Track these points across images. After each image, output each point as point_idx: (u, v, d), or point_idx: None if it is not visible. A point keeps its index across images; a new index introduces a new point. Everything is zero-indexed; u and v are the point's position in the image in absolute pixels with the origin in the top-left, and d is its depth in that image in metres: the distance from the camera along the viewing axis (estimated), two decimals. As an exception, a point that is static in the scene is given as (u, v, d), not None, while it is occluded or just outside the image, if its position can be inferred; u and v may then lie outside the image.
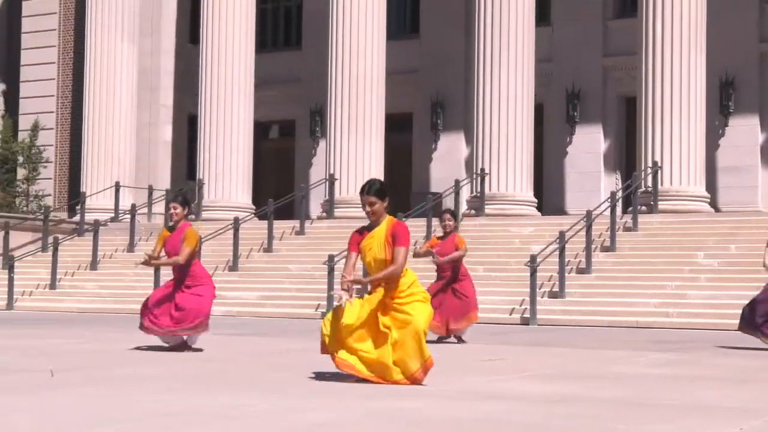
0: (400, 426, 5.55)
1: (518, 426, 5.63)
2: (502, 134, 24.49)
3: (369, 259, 7.77)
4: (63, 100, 32.84)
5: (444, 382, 7.94)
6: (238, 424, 5.54)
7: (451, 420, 5.81)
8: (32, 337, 13.11)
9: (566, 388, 7.70)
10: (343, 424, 5.59)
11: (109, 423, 5.50)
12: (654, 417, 6.15)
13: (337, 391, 7.17)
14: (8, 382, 7.56)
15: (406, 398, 6.79)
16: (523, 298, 18.64)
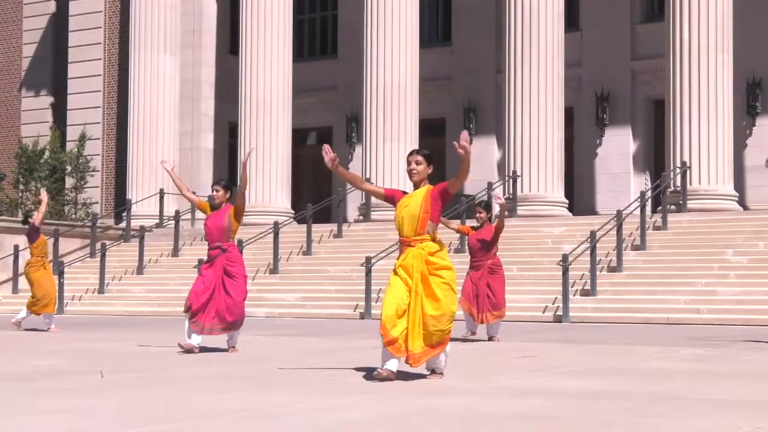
0: (443, 423, 5.55)
1: (556, 421, 5.62)
2: (533, 137, 24.46)
3: (402, 215, 7.76)
4: (108, 111, 33.09)
5: (483, 380, 7.93)
6: (285, 422, 5.56)
7: (491, 416, 5.80)
8: (82, 340, 13.22)
9: (600, 383, 7.66)
10: (388, 421, 5.60)
11: (157, 422, 5.54)
12: (688, 412, 6.11)
13: (380, 389, 7.18)
14: (60, 384, 7.63)
15: (447, 396, 6.79)
16: (555, 297, 18.58)
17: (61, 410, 6.00)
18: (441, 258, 7.74)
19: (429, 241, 7.73)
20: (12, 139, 35.11)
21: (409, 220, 7.74)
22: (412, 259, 7.68)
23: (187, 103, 30.90)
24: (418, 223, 7.72)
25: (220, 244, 10.64)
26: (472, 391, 7.05)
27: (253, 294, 21.96)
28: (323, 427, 5.39)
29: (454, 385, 7.45)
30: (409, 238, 7.76)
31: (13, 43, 36.05)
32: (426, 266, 7.65)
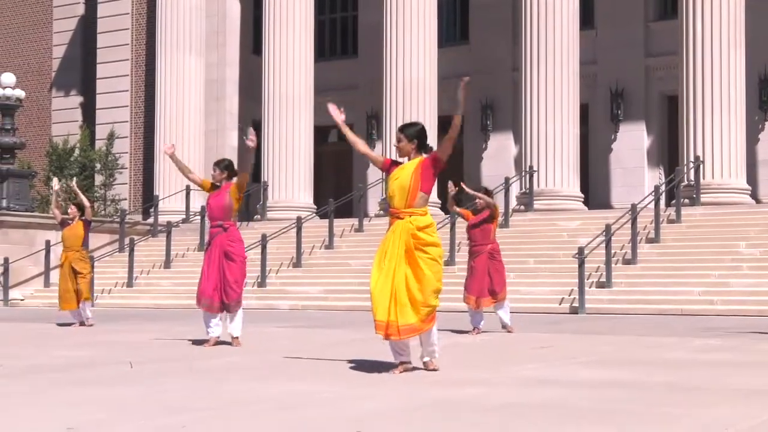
0: (464, 412, 5.53)
1: (572, 410, 5.58)
2: (549, 133, 24.39)
3: (393, 187, 7.52)
4: (136, 110, 33.20)
5: (500, 370, 7.90)
6: (308, 412, 5.55)
7: (510, 406, 5.78)
8: (112, 332, 13.27)
9: (616, 373, 7.62)
10: (406, 411, 5.58)
11: (186, 411, 5.54)
12: (704, 401, 6.06)
13: (398, 379, 7.16)
14: (90, 374, 7.65)
15: (464, 386, 6.76)
16: (571, 289, 18.50)
17: (93, 400, 6.01)
18: (429, 234, 7.44)
19: (418, 215, 7.45)
20: (43, 137, 35.28)
21: (399, 192, 7.49)
22: (399, 232, 7.41)
23: (212, 102, 30.95)
24: (409, 195, 7.45)
25: (221, 223, 10.47)
26: (489, 382, 7.02)
27: (277, 287, 21.99)
28: (345, 417, 5.38)
29: (471, 376, 7.43)
30: (399, 209, 7.49)
31: (43, 45, 36.21)
32: (412, 240, 7.37)
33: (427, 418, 5.29)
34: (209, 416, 5.35)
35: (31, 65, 36.28)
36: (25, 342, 11.52)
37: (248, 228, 26.55)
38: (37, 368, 8.14)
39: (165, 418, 5.29)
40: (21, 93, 26.71)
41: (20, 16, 36.85)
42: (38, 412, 5.52)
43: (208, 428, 4.97)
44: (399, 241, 7.38)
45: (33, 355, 9.61)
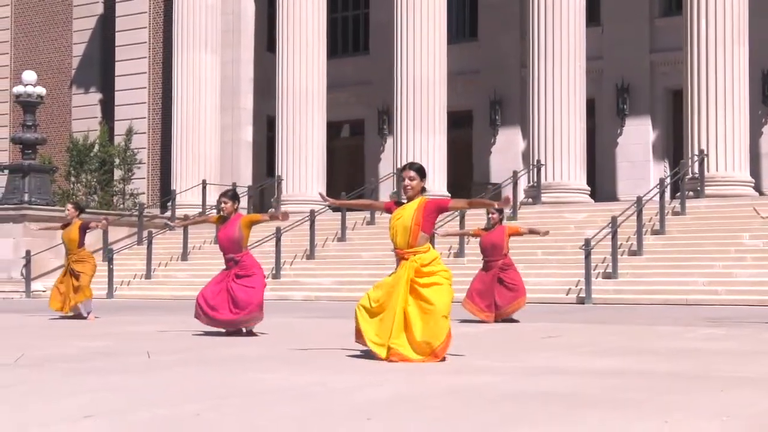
0: (474, 400, 5.49)
1: (579, 398, 5.54)
2: (557, 128, 24.32)
3: (395, 226, 7.48)
4: (154, 107, 33.22)
5: (510, 359, 7.86)
6: (322, 400, 5.52)
7: (519, 394, 5.73)
8: (130, 323, 13.27)
9: (622, 362, 7.56)
10: (418, 400, 5.54)
11: (202, 399, 5.52)
12: (708, 388, 6.00)
13: (410, 369, 7.13)
14: (108, 364, 7.63)
15: (473, 374, 6.72)
16: (578, 279, 18.44)
17: (110, 389, 6.00)
18: (435, 266, 7.44)
19: (422, 252, 7.43)
20: (63, 133, 35.35)
21: (401, 232, 7.45)
22: (407, 270, 7.39)
23: (227, 98, 30.95)
24: (410, 235, 7.41)
25: (233, 256, 10.19)
26: (497, 370, 6.98)
27: (291, 278, 21.98)
28: (357, 405, 5.34)
29: (480, 364, 7.38)
30: (402, 250, 7.47)
31: (63, 43, 36.26)
32: (416, 275, 7.38)
33: (438, 406, 5.25)
34: (222, 405, 5.32)
35: (52, 63, 36.33)
36: (44, 332, 11.52)
37: (263, 221, 26.57)
38: (55, 358, 8.13)
39: (180, 406, 5.26)
40: (42, 90, 26.76)
41: (41, 15, 36.90)
42: (57, 400, 5.50)
43: (222, 416, 4.94)
44: (405, 278, 7.35)
45: (52, 345, 9.60)
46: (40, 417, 4.91)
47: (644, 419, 4.82)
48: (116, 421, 4.76)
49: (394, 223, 7.50)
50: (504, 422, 4.75)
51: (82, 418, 4.82)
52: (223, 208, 10.36)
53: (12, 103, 34.68)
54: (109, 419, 4.82)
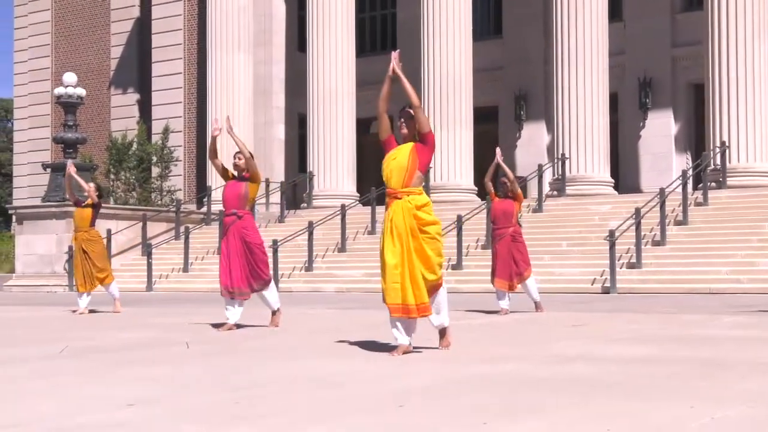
0: (502, 386, 5.49)
1: (604, 384, 5.52)
2: (580, 122, 24.19)
3: (390, 167, 7.22)
4: (189, 106, 33.40)
5: (535, 347, 7.84)
6: (355, 388, 5.54)
7: (545, 380, 5.73)
8: (169, 314, 13.36)
9: (647, 350, 7.53)
10: (447, 386, 5.55)
11: (238, 389, 5.56)
12: (732, 376, 5.96)
13: (437, 357, 7.14)
14: (148, 354, 7.70)
15: (501, 362, 6.71)
16: (603, 270, 18.36)
17: (150, 378, 6.05)
18: (427, 212, 7.20)
19: (415, 194, 7.18)
20: (103, 133, 35.62)
21: (397, 172, 7.18)
22: (400, 213, 7.15)
23: (259, 97, 31.05)
24: (407, 174, 7.16)
25: (236, 211, 10.09)
26: (524, 358, 6.97)
27: (323, 271, 22.03)
28: (388, 393, 5.36)
29: (508, 353, 7.38)
30: (396, 190, 7.19)
31: (102, 46, 36.52)
32: (415, 221, 7.14)
33: (465, 392, 5.25)
34: (259, 392, 5.36)
35: (91, 65, 36.61)
36: (86, 324, 11.63)
37: (295, 216, 26.65)
38: (98, 349, 8.21)
39: (219, 394, 5.30)
40: (82, 91, 26.96)
41: (80, 19, 37.19)
42: (100, 390, 5.56)
43: (259, 404, 4.97)
44: (403, 222, 7.14)
45: (94, 336, 9.70)
46: (84, 406, 4.97)
47: (667, 405, 4.80)
48: (158, 409, 4.81)
49: (388, 164, 7.25)
50: (526, 409, 4.75)
51: (125, 406, 4.87)
52: (236, 163, 10.22)
53: (53, 104, 34.99)
54: (152, 407, 4.86)
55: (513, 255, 12.27)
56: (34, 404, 5.05)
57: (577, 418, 4.48)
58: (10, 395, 5.39)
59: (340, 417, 4.55)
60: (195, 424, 4.38)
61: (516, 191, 12.43)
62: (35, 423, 4.46)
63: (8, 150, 57.10)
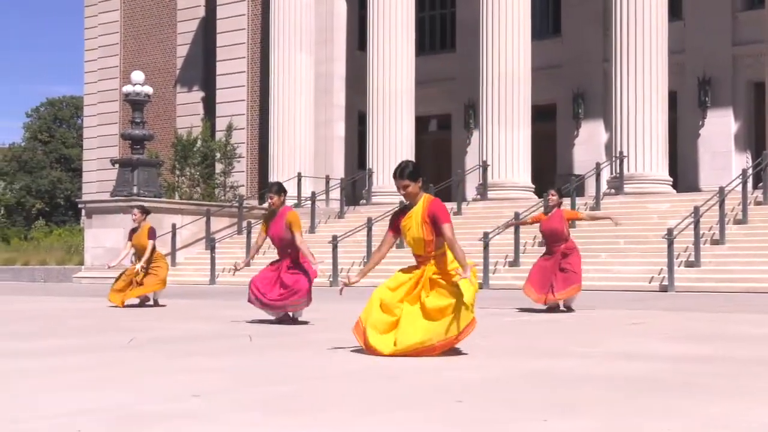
0: (560, 382, 5.49)
1: (662, 382, 5.48)
2: (639, 120, 23.93)
3: (409, 239, 6.91)
4: (252, 104, 33.70)
5: (592, 345, 7.80)
6: (411, 381, 5.57)
7: (603, 378, 5.71)
8: (233, 308, 13.51)
9: (704, 348, 7.44)
10: (505, 381, 5.55)
11: (300, 380, 5.62)
12: (790, 375, 5.88)
13: (494, 353, 7.14)
14: (212, 346, 7.81)
15: (558, 359, 6.69)
16: (661, 268, 18.15)
17: (215, 369, 6.15)
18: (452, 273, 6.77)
19: (439, 255, 6.84)
20: (169, 130, 36.12)
21: (416, 243, 6.89)
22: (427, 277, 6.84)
23: (321, 95, 31.23)
24: (425, 245, 6.85)
25: (285, 250, 10.10)
26: (581, 355, 6.94)
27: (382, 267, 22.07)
28: (445, 386, 5.38)
29: (565, 349, 7.35)
30: (422, 256, 6.92)
31: (168, 45, 37.02)
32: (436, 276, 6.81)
33: (523, 387, 5.26)
34: (320, 385, 5.42)
35: (158, 64, 37.13)
36: (152, 316, 11.82)
37: (354, 212, 26.77)
38: (164, 340, 8.35)
39: (281, 385, 5.38)
40: (149, 89, 27.36)
41: (148, 20, 37.73)
42: (165, 380, 5.67)
43: (320, 396, 5.03)
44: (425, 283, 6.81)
45: (160, 327, 9.86)
46: (151, 396, 5.07)
47: (723, 404, 4.76)
48: (223, 400, 4.89)
49: (406, 233, 6.92)
50: (583, 405, 4.74)
51: (190, 396, 4.96)
52: (270, 203, 10.12)
53: (121, 101, 35.56)
54: (217, 398, 4.95)
55: (562, 267, 11.79)
56: (103, 392, 5.17)
57: (633, 415, 4.47)
58: (76, 384, 5.52)
59: (399, 410, 4.59)
60: (258, 416, 4.46)
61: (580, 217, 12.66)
62: (106, 410, 4.57)
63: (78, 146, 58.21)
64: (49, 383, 5.54)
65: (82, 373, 5.98)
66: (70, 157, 62.46)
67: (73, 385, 5.44)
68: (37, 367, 6.30)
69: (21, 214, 59.30)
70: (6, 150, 66.43)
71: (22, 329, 9.71)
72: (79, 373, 5.98)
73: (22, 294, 18.86)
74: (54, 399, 4.94)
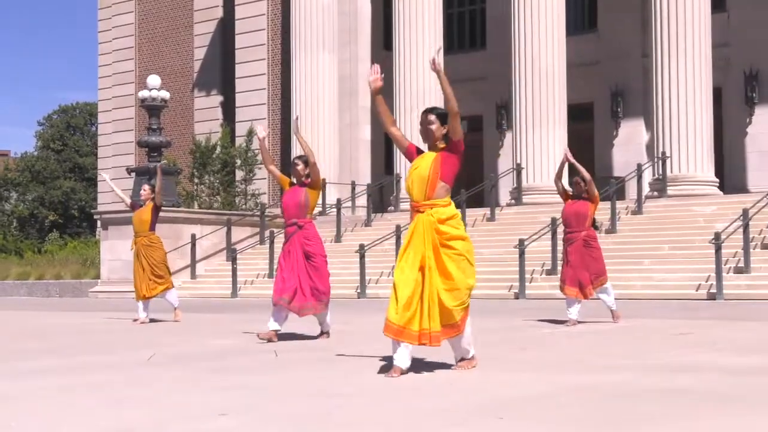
0: (604, 397, 5.43)
1: (715, 396, 5.41)
2: (682, 118, 23.76)
3: (412, 178, 6.73)
4: (273, 108, 33.82)
5: (639, 357, 7.73)
6: (455, 396, 5.54)
7: (648, 391, 5.64)
8: (257, 321, 13.51)
9: (757, 360, 7.35)
10: (548, 397, 5.51)
11: (329, 397, 5.60)
12: None
13: (538, 367, 7.09)
14: (237, 362, 7.81)
15: (603, 373, 6.63)
16: (708, 275, 17.98)
17: (241, 386, 6.15)
18: (453, 226, 6.64)
19: (440, 206, 6.65)
20: (187, 136, 36.32)
21: (418, 183, 6.68)
22: (422, 228, 6.61)
23: (344, 97, 31.27)
24: (428, 186, 6.64)
25: (296, 221, 9.77)
26: (627, 368, 6.87)
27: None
28: (485, 402, 5.34)
29: (610, 363, 7.29)
30: (419, 203, 6.68)
31: (185, 48, 37.25)
32: (437, 236, 6.59)
33: (566, 403, 5.21)
34: (351, 402, 5.40)
35: (174, 67, 37.36)
36: (172, 330, 11.86)
37: (382, 219, 26.76)
38: (186, 356, 8.37)
39: (311, 403, 5.36)
40: (166, 94, 27.51)
41: (163, 21, 37.98)
42: (192, 397, 5.67)
43: (352, 413, 5.01)
44: (423, 238, 6.61)
45: (181, 343, 9.89)
46: (177, 414, 5.07)
47: (786, 419, 4.69)
48: (251, 418, 4.88)
49: (410, 174, 6.77)
50: (632, 421, 4.69)
51: (217, 414, 4.96)
52: (296, 169, 9.87)
53: (137, 107, 35.81)
54: (244, 416, 4.94)
55: (585, 261, 11.72)
56: (125, 411, 5.17)
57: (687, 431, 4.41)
58: (102, 401, 5.53)
59: (439, 429, 4.56)
60: (289, 434, 4.44)
61: (593, 192, 11.89)
62: (129, 431, 4.57)
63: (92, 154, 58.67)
64: (71, 402, 5.55)
65: (99, 392, 5.99)
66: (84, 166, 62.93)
67: (94, 405, 5.45)
68: (58, 385, 6.33)
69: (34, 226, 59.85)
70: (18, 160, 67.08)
71: (40, 346, 9.77)
72: (95, 392, 5.99)
73: (38, 309, 19.00)
74: (75, 419, 4.95)
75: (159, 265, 13.55)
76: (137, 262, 13.59)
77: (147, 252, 13.53)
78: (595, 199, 11.99)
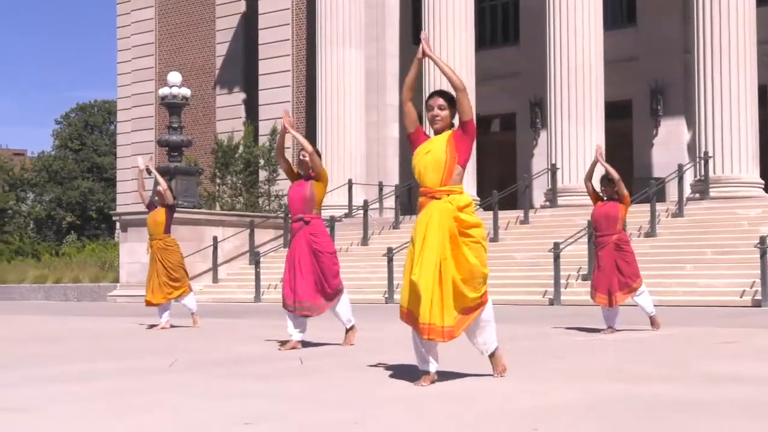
0: (646, 408, 5.39)
1: (761, 407, 5.36)
2: (725, 118, 23.58)
3: (424, 162, 6.55)
4: (297, 105, 33.89)
5: (682, 366, 7.67)
6: (485, 405, 5.52)
7: (697, 402, 5.60)
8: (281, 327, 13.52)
9: (808, 370, 7.28)
10: (584, 408, 5.48)
11: (355, 405, 5.60)
12: None
13: (574, 375, 7.05)
14: (260, 369, 7.83)
15: (645, 383, 6.59)
16: (753, 281, 17.84)
17: (265, 394, 6.15)
18: (470, 214, 6.51)
19: (456, 193, 6.51)
20: (208, 135, 36.46)
21: (433, 167, 6.50)
22: (438, 216, 6.42)
23: (372, 94, 31.28)
24: (445, 171, 6.49)
25: (302, 216, 9.64)
26: (670, 378, 6.82)
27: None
28: (518, 412, 5.32)
29: (650, 371, 7.23)
30: (433, 189, 6.50)
31: (207, 43, 37.41)
32: (455, 224, 6.44)
33: (605, 414, 5.17)
34: (379, 412, 5.39)
35: (196, 63, 37.54)
36: (192, 336, 11.90)
37: (411, 222, 26.72)
38: (207, 362, 8.39)
39: (337, 412, 5.36)
40: (187, 91, 27.62)
41: (185, 16, 38.17)
42: (214, 406, 5.69)
43: (380, 423, 5.00)
44: (439, 226, 6.43)
45: (202, 349, 9.92)
46: (199, 423, 5.08)
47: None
48: (276, 427, 4.88)
49: (422, 158, 6.58)
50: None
51: (242, 424, 4.96)
52: (301, 160, 9.81)
53: (157, 105, 36.00)
54: (269, 425, 4.94)
55: (618, 265, 11.60)
56: (145, 419, 5.19)
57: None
58: (120, 409, 5.56)
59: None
60: (315, 444, 4.44)
61: (622, 192, 11.73)
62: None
63: (111, 154, 59.06)
64: (89, 409, 5.58)
65: (121, 399, 6.02)
66: (103, 165, 63.37)
67: (112, 413, 5.48)
68: (76, 392, 6.36)
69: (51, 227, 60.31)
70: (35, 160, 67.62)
71: (58, 351, 9.84)
72: (116, 399, 6.02)
73: (56, 314, 19.14)
74: (92, 425, 4.98)
75: (176, 269, 13.58)
76: (152, 266, 13.58)
77: (163, 255, 13.53)
78: (626, 199, 11.90)
